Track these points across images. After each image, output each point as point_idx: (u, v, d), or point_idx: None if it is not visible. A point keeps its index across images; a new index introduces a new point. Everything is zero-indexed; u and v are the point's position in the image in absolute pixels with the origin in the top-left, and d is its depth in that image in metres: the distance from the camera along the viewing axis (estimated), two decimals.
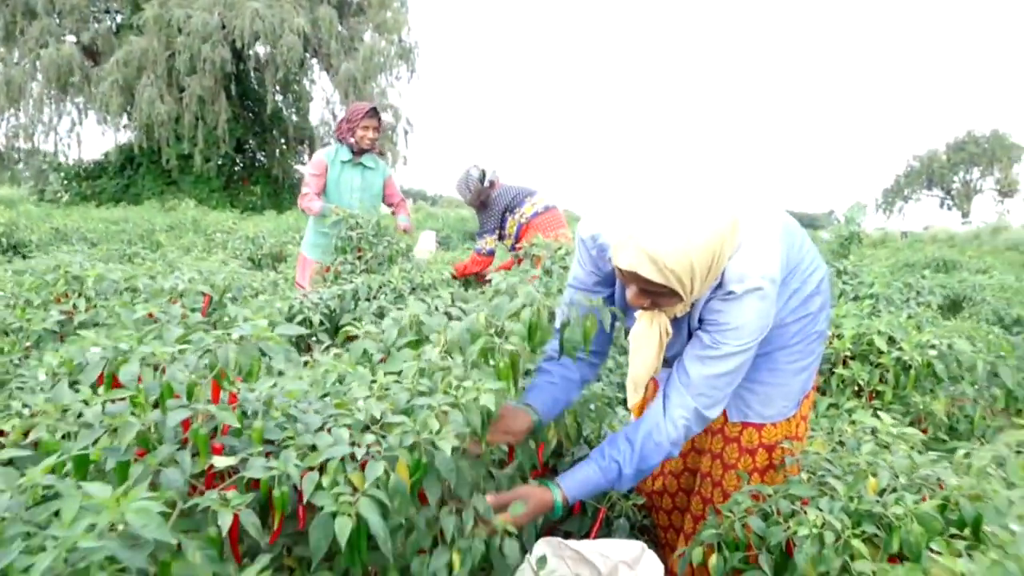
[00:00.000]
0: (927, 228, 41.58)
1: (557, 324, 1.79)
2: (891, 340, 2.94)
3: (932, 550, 1.40)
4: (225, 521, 1.16)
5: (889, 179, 61.26)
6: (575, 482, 1.77)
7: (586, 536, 2.13)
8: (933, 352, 2.85)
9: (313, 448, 1.36)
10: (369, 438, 1.38)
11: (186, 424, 1.33)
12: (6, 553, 0.94)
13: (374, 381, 1.61)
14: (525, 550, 1.80)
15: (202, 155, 20.53)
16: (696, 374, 1.69)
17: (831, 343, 2.97)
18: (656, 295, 1.62)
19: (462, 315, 2.14)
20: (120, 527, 0.99)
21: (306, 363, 1.99)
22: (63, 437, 1.33)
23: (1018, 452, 1.78)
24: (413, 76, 23.20)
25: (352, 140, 4.64)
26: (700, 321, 1.72)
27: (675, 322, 1.79)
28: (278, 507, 1.28)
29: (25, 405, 2.23)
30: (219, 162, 21.60)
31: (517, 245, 5.06)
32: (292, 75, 21.73)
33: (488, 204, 5.13)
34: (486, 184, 5.05)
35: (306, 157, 24.79)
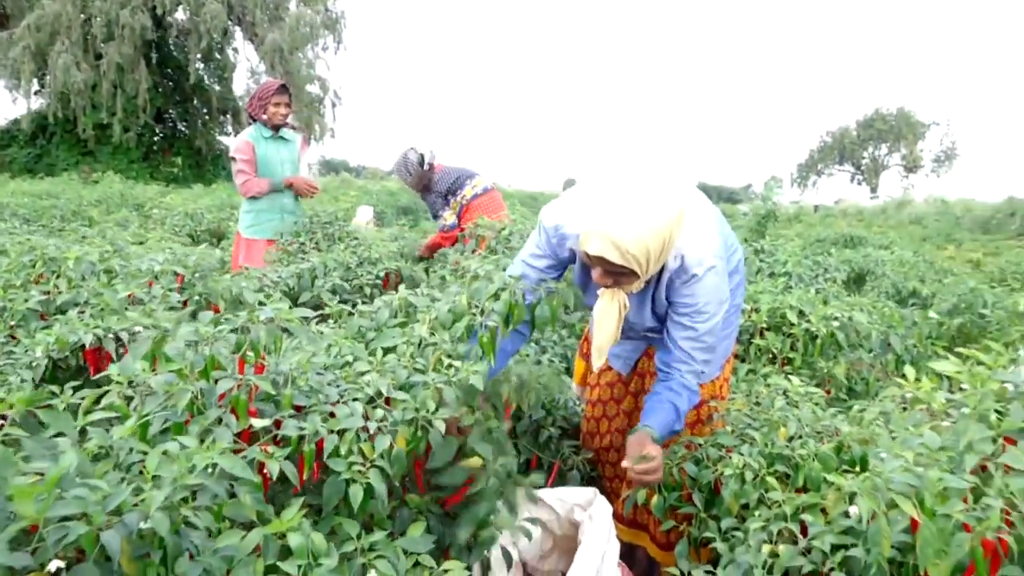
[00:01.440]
0: (838, 202, 43.30)
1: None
2: (801, 313, 3.35)
3: (828, 482, 1.78)
4: (274, 469, 1.43)
5: (803, 154, 63.25)
6: (658, 422, 2.07)
7: (543, 486, 2.47)
8: (836, 323, 3.27)
9: (332, 415, 1.64)
10: (379, 413, 1.66)
11: (221, 394, 1.59)
12: (119, 492, 1.20)
13: (372, 355, 1.89)
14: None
15: (121, 125, 19.94)
16: (689, 347, 2.07)
17: (750, 316, 3.36)
18: (618, 275, 1.95)
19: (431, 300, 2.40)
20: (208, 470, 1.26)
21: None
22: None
23: (903, 408, 2.18)
24: (340, 47, 22.91)
25: (264, 117, 4.74)
26: (670, 303, 2.06)
27: (631, 297, 2.12)
28: (307, 461, 1.56)
29: (23, 380, 2.44)
30: (138, 132, 21.00)
31: (460, 226, 5.30)
32: (215, 44, 21.22)
33: (431, 186, 5.31)
34: (425, 167, 5.23)
35: (229, 127, 24.30)
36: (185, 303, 3.14)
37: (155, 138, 22.68)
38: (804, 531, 1.62)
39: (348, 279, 4.12)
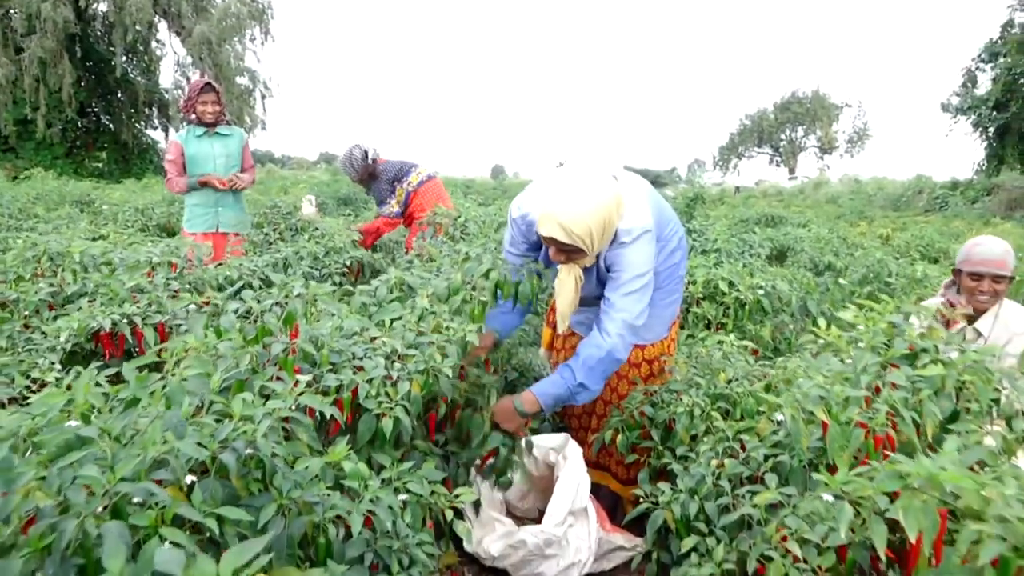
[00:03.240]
0: (759, 183, 44.82)
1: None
2: (731, 284, 3.81)
3: (760, 412, 2.21)
4: (330, 411, 1.77)
5: (724, 137, 64.94)
6: (542, 388, 2.46)
7: None
8: (761, 292, 3.75)
9: (360, 369, 1.99)
10: (397, 366, 2.02)
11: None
12: (223, 428, 1.53)
13: (379, 326, 2.24)
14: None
15: (44, 120, 19.40)
16: (615, 299, 2.41)
17: (688, 288, 3.81)
18: (569, 252, 2.35)
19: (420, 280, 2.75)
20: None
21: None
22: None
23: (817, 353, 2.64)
24: (268, 38, 22.73)
25: (193, 117, 4.95)
26: (608, 269, 2.45)
27: (586, 271, 2.51)
28: (346, 405, 1.91)
29: (52, 363, 2.69)
30: (62, 127, 20.46)
31: (408, 211, 5.66)
32: (140, 36, 20.77)
33: (376, 176, 5.65)
34: (369, 162, 5.58)
35: (156, 120, 23.87)
36: (177, 292, 3.40)
37: (79, 133, 22.08)
38: (743, 449, 2.05)
39: (317, 268, 4.44)
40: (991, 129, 27.56)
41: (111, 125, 22.94)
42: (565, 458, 2.60)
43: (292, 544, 1.50)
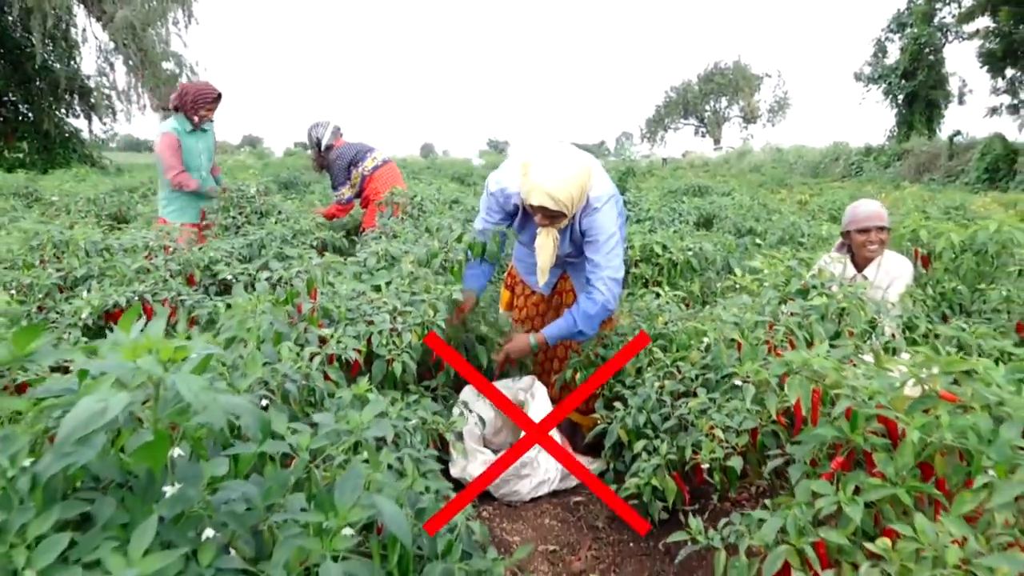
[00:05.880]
0: (685, 154, 45.96)
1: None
2: (664, 247, 4.36)
3: (690, 346, 2.74)
4: (352, 358, 2.22)
5: (651, 109, 66.03)
6: (549, 331, 3.01)
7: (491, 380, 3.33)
8: (691, 253, 4.30)
9: (371, 322, 2.44)
10: (400, 320, 2.48)
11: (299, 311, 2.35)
12: (283, 364, 1.96)
13: (377, 288, 2.68)
14: None
15: None
16: (599, 259, 2.92)
17: (627, 253, 4.33)
18: (553, 217, 2.83)
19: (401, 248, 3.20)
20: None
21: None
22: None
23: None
24: (191, 21, 22.41)
25: (195, 119, 5.24)
26: (583, 234, 2.93)
27: (561, 232, 2.99)
28: (363, 353, 2.36)
29: (78, 338, 3.04)
30: None
31: (364, 195, 6.03)
32: (60, 23, 20.23)
33: (331, 163, 6.00)
34: (322, 149, 5.94)
35: (78, 108, 23.32)
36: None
37: None
38: (679, 372, 2.57)
39: (287, 248, 4.82)
40: (900, 97, 29.03)
41: (30, 114, 22.30)
42: (533, 396, 3.08)
43: None
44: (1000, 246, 3.52)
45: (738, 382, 1.99)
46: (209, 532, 1.00)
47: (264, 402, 1.57)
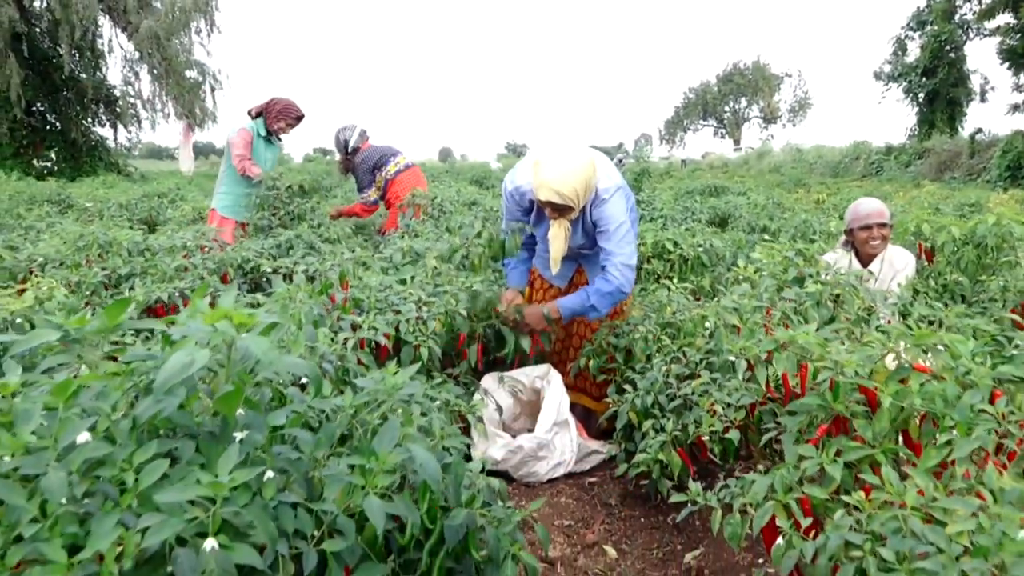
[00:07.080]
0: (705, 156, 45.94)
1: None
2: (675, 244, 4.53)
3: (695, 334, 2.91)
4: (382, 342, 2.42)
5: (670, 111, 65.98)
6: (562, 303, 3.19)
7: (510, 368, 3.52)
8: (701, 249, 4.47)
9: (397, 312, 2.64)
10: (425, 309, 2.68)
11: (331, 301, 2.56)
12: (319, 347, 2.16)
13: (403, 281, 2.89)
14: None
15: None
16: (611, 247, 3.10)
17: (639, 249, 4.51)
18: (561, 210, 3.02)
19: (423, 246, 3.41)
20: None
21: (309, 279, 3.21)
22: None
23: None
24: (214, 30, 22.84)
25: (275, 128, 5.57)
26: (595, 225, 3.12)
27: (573, 223, 3.18)
28: (392, 338, 2.55)
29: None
30: (10, 127, 20.36)
31: (386, 198, 6.23)
32: (87, 34, 20.69)
33: (356, 166, 6.21)
34: (349, 151, 6.15)
35: (104, 117, 23.80)
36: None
37: (26, 132, 21.89)
38: (685, 357, 2.75)
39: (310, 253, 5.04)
40: (921, 95, 28.85)
41: (58, 124, 22.78)
42: (548, 383, 3.27)
43: None
44: (1000, 239, 3.67)
45: (731, 358, 2.17)
46: (270, 473, 1.20)
47: None
